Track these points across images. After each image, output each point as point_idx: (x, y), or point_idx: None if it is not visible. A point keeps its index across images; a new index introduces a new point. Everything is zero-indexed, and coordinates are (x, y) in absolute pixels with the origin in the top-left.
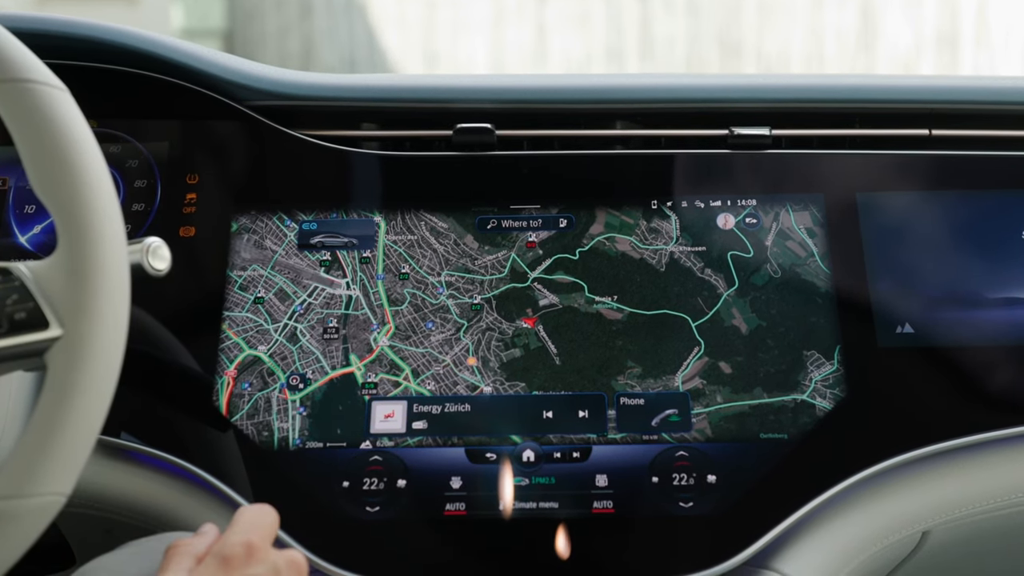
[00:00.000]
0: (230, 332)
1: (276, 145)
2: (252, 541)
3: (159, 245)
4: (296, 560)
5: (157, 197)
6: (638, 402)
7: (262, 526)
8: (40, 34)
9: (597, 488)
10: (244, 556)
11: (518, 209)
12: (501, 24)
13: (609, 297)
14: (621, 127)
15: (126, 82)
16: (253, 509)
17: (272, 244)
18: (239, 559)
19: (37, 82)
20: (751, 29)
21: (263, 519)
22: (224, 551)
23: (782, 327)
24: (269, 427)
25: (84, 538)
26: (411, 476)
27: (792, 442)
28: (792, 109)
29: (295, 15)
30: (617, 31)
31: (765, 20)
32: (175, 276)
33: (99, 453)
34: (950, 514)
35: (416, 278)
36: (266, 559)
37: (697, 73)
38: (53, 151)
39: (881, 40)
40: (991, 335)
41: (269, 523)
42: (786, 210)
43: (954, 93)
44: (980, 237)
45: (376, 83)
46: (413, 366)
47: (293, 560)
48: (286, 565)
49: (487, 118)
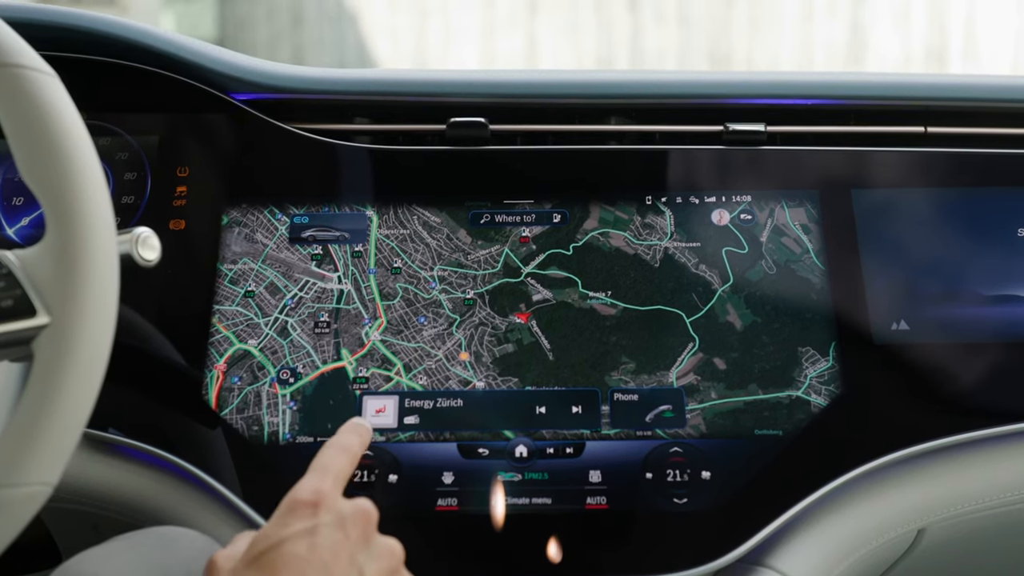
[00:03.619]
0: (220, 326)
1: (268, 138)
2: (321, 488)
3: (149, 235)
4: (364, 509)
5: (147, 190)
6: (632, 398)
7: (337, 469)
8: (30, 24)
9: (590, 484)
10: (313, 503)
11: (512, 204)
12: (492, 34)
13: (603, 292)
14: (616, 122)
15: (116, 74)
16: (335, 445)
17: (263, 238)
18: (307, 506)
19: (26, 67)
20: (741, 41)
21: (339, 460)
22: (293, 497)
23: (777, 323)
24: (259, 421)
25: (70, 534)
26: (402, 471)
27: (787, 439)
28: (787, 106)
29: (286, 24)
30: (607, 42)
31: (755, 32)
32: (165, 269)
33: (86, 447)
34: (946, 512)
35: (408, 272)
36: (332, 507)
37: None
38: (42, 136)
39: (870, 53)
40: (986, 332)
41: (346, 464)
42: (781, 206)
43: (949, 90)
44: (975, 234)
45: (369, 77)
46: (405, 361)
47: (361, 509)
48: (352, 514)
49: (481, 112)
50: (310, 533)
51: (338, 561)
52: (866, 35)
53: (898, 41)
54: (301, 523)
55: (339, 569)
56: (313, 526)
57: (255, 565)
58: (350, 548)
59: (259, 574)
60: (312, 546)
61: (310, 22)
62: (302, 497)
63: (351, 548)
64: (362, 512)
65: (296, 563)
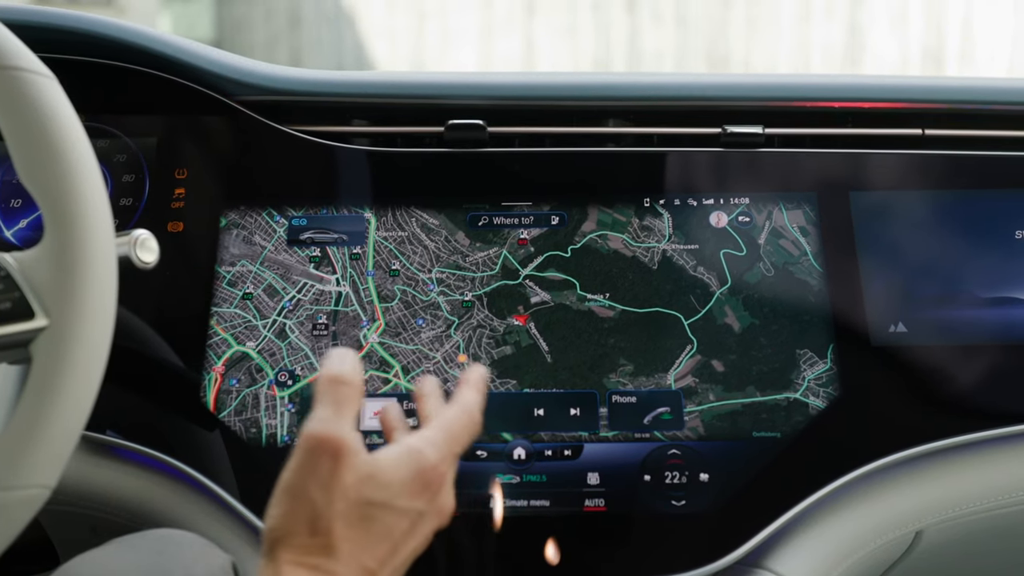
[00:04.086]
0: (218, 328)
1: (266, 140)
2: (445, 470)
3: (147, 237)
4: (446, 510)
5: (145, 192)
6: (630, 400)
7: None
8: (27, 26)
9: (589, 486)
10: (438, 485)
11: (510, 206)
12: (490, 36)
13: (601, 295)
14: (614, 125)
15: (115, 76)
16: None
17: (261, 240)
18: (434, 487)
19: (25, 69)
20: (739, 43)
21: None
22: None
23: (775, 325)
24: (257, 424)
25: (68, 537)
26: None
27: (785, 441)
28: (785, 108)
29: (283, 26)
30: (605, 44)
31: (752, 34)
32: (163, 271)
33: (84, 449)
34: (943, 514)
35: (406, 275)
36: (442, 495)
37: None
38: (40, 139)
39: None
40: (983, 334)
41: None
42: (779, 208)
43: (947, 93)
44: (973, 236)
45: (367, 79)
46: (403, 363)
47: (443, 509)
48: (443, 513)
49: (479, 114)
50: (418, 517)
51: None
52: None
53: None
54: (419, 501)
55: (408, 553)
56: (422, 511)
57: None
58: (426, 541)
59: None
60: (412, 528)
61: (308, 24)
62: (436, 473)
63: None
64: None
65: (390, 534)
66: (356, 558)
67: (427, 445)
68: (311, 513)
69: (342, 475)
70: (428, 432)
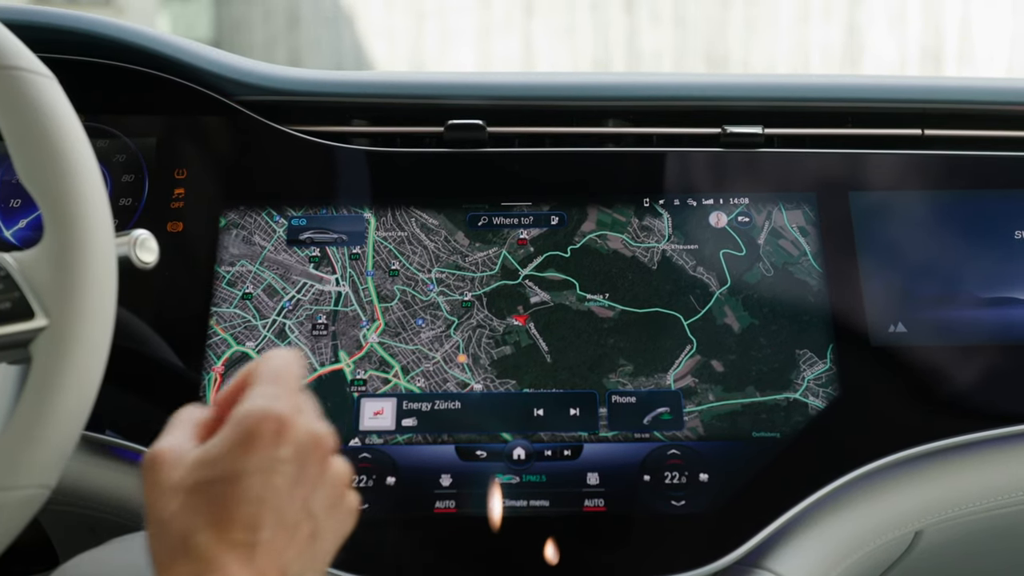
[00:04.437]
0: (218, 328)
1: (265, 140)
2: (283, 415)
3: (147, 237)
4: (322, 439)
5: (145, 192)
6: (630, 400)
7: (292, 384)
8: (27, 26)
9: (588, 486)
10: (274, 434)
11: (509, 206)
12: (488, 36)
13: (601, 295)
14: (613, 125)
15: (114, 76)
16: (279, 357)
17: (261, 240)
18: (268, 437)
19: (24, 69)
20: (737, 43)
21: (291, 370)
22: (253, 423)
23: (774, 325)
24: None
25: (67, 536)
26: (400, 474)
27: (784, 441)
28: (785, 108)
29: (282, 26)
30: (604, 44)
31: (751, 34)
32: (162, 271)
33: (83, 449)
34: (943, 514)
35: (406, 275)
36: (293, 439)
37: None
38: (39, 139)
39: (866, 55)
40: (983, 334)
41: (296, 375)
42: (778, 209)
43: (946, 93)
44: (972, 236)
45: (367, 79)
46: (403, 363)
47: (318, 440)
48: (311, 445)
49: (478, 115)
50: (268, 471)
51: (292, 504)
52: (862, 37)
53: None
54: (260, 456)
55: (291, 514)
56: (272, 462)
57: (203, 492)
58: (305, 490)
59: (207, 505)
60: (269, 486)
61: (306, 24)
62: (264, 426)
63: (306, 490)
64: (321, 443)
65: (248, 504)
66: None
67: (242, 403)
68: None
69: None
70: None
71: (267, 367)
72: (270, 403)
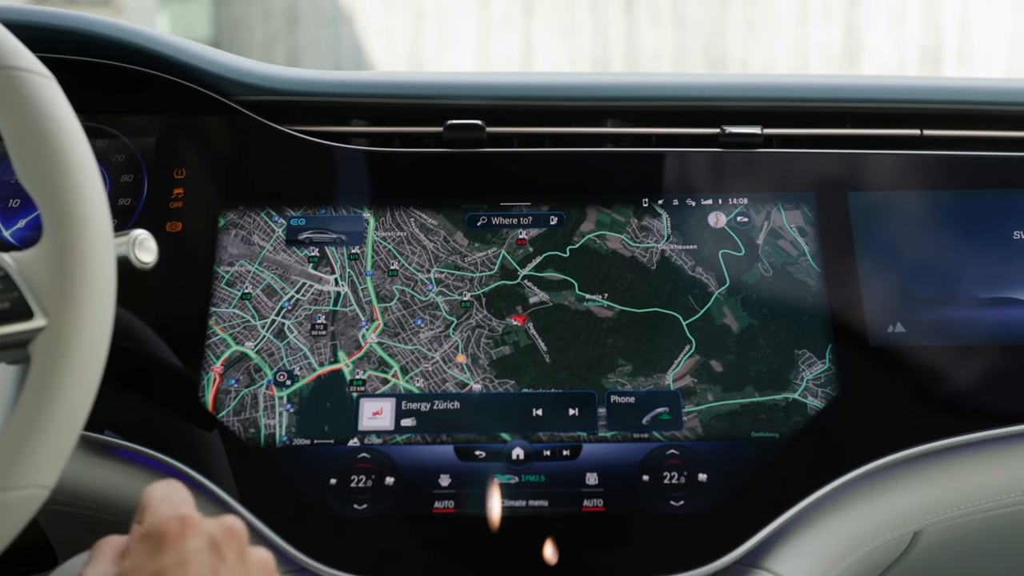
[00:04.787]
0: (217, 328)
1: (264, 140)
2: (185, 514)
3: (146, 237)
4: (234, 528)
5: (144, 192)
6: (629, 400)
7: (184, 499)
8: (25, 26)
9: (587, 486)
10: (179, 530)
11: (508, 206)
12: (487, 36)
13: (600, 295)
14: (612, 125)
15: (113, 76)
16: (163, 485)
17: (260, 240)
18: (174, 535)
19: (23, 69)
20: (736, 43)
21: (179, 492)
22: (157, 527)
23: (773, 326)
24: (256, 424)
25: (66, 537)
26: (399, 474)
27: (783, 441)
28: (784, 108)
29: (281, 26)
30: (603, 44)
31: (750, 34)
32: (161, 271)
33: (82, 449)
34: (942, 514)
35: (405, 275)
36: (202, 530)
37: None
38: (38, 139)
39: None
40: (982, 334)
41: (187, 495)
42: (777, 209)
43: (945, 93)
44: (971, 237)
45: (366, 79)
46: (402, 363)
47: (231, 529)
48: (225, 535)
49: (478, 115)
50: (184, 563)
51: None
52: (861, 37)
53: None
54: (172, 553)
55: None
56: (185, 553)
57: None
58: (227, 572)
59: None
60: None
61: (305, 23)
62: (167, 527)
63: (228, 572)
64: (233, 531)
65: None
66: None
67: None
68: None
69: None
70: None
71: (154, 494)
72: (164, 509)
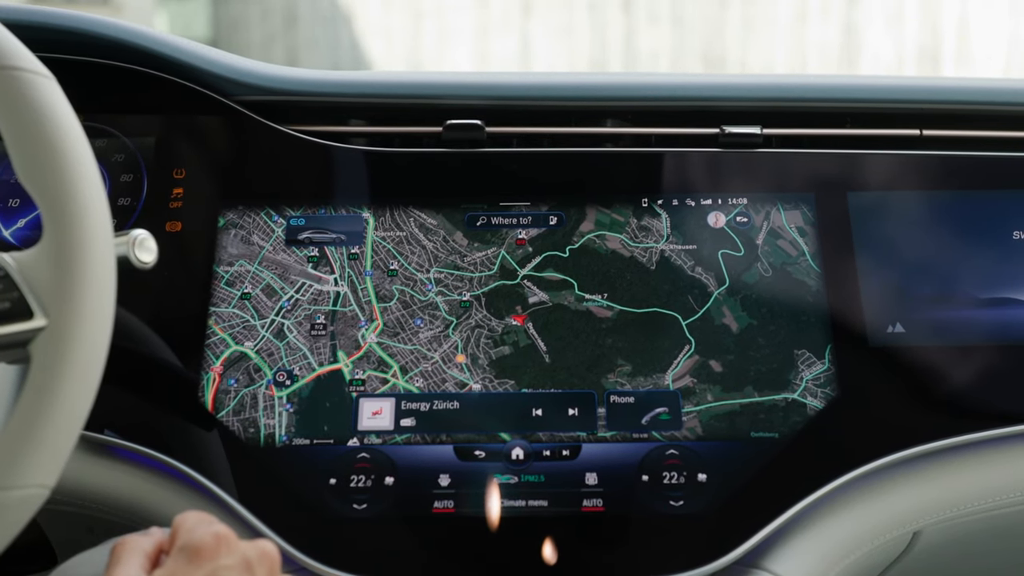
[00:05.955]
0: (216, 328)
1: (264, 140)
2: (221, 531)
3: (146, 237)
4: (268, 551)
5: (143, 192)
6: (628, 400)
7: (217, 522)
8: (25, 26)
9: (587, 486)
10: (214, 546)
11: (508, 206)
12: (486, 35)
13: (599, 295)
14: (612, 125)
15: (113, 76)
16: (194, 512)
17: (259, 239)
18: (210, 549)
19: (22, 69)
20: (735, 43)
21: (210, 517)
22: (193, 542)
23: (773, 326)
24: (255, 424)
25: (65, 536)
26: (399, 474)
27: (783, 441)
28: (783, 108)
29: (280, 25)
30: (601, 44)
31: (749, 34)
32: (161, 271)
33: (82, 449)
34: (941, 514)
35: (405, 275)
36: (237, 549)
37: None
38: (38, 138)
39: (864, 55)
40: (981, 334)
41: (216, 520)
42: (777, 209)
43: (944, 93)
44: (970, 237)
45: (366, 79)
46: (401, 363)
47: (265, 551)
48: (258, 556)
49: (477, 114)
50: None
51: None
52: (859, 37)
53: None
54: (206, 567)
55: None
56: (217, 570)
57: None
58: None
59: None
60: None
61: (304, 23)
62: (203, 542)
63: None
64: (266, 553)
65: None
66: None
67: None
68: None
69: None
70: None
71: (188, 517)
72: (202, 526)
